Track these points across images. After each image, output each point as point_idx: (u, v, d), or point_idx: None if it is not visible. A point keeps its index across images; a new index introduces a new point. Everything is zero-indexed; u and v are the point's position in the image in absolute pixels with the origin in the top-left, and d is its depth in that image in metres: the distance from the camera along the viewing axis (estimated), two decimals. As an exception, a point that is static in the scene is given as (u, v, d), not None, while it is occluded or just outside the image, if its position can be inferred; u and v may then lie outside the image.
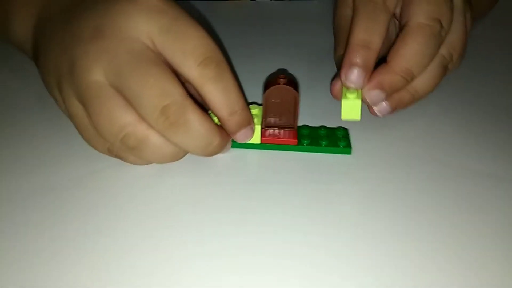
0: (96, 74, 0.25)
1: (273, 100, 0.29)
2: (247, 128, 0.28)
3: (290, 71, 0.39)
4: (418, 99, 0.32)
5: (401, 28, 0.30)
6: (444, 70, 0.31)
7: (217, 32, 0.46)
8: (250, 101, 0.34)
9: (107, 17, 0.26)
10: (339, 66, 0.32)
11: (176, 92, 0.25)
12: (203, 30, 0.26)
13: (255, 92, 0.35)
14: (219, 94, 0.26)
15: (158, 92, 0.24)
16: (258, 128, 0.29)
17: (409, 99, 0.31)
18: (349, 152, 0.30)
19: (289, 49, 0.44)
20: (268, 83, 0.29)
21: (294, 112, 0.30)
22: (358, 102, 0.29)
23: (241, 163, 0.29)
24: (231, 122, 0.27)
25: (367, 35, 0.29)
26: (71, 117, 0.27)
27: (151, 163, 0.28)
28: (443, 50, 0.31)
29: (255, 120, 0.29)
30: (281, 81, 0.29)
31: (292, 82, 0.29)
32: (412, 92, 0.31)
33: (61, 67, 0.27)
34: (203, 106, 0.27)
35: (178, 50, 0.25)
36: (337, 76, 0.31)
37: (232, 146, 0.30)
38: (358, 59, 0.29)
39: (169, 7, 0.26)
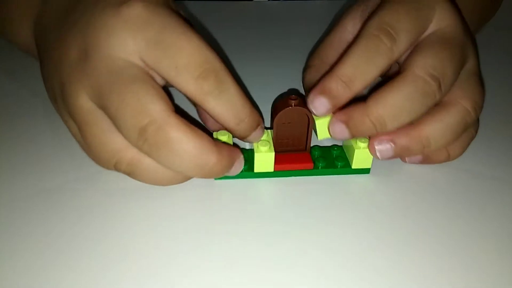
0: (82, 99, 0.24)
1: (284, 123, 0.27)
2: (256, 130, 0.25)
3: (293, 75, 0.37)
4: (430, 153, 0.27)
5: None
6: (464, 122, 0.26)
7: (218, 33, 0.45)
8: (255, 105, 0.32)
9: (90, 36, 0.24)
10: (307, 83, 0.30)
11: (155, 109, 0.22)
12: (196, 37, 0.23)
13: (256, 96, 0.34)
14: (223, 108, 0.23)
15: (135, 111, 0.22)
16: (271, 156, 0.27)
17: (418, 150, 0.26)
18: (368, 172, 0.28)
19: (291, 50, 0.42)
20: (277, 106, 0.27)
21: (307, 133, 0.27)
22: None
23: (252, 193, 0.27)
24: (239, 130, 0.25)
25: (356, 72, 0.25)
26: (73, 136, 0.26)
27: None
28: (462, 101, 0.26)
29: (267, 148, 0.26)
30: (293, 102, 0.26)
31: (304, 102, 0.27)
32: (424, 143, 0.26)
33: (55, 88, 0.26)
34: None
35: (170, 65, 0.23)
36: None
37: (243, 177, 0.27)
38: (332, 92, 0.25)
39: (155, 16, 0.23)
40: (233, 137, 0.26)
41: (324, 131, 0.27)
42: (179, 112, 0.23)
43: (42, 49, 0.29)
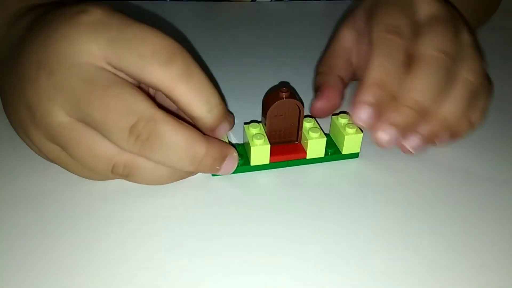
0: (58, 115, 0.23)
1: (276, 116, 0.28)
2: (225, 122, 0.26)
3: (292, 73, 0.37)
4: (449, 127, 0.28)
5: None
6: (470, 94, 0.28)
7: (219, 33, 0.45)
8: (251, 103, 0.33)
9: (48, 48, 0.23)
10: (318, 85, 0.32)
11: (141, 107, 0.22)
12: (157, 30, 0.24)
13: (258, 93, 0.34)
14: (193, 93, 0.24)
15: (122, 112, 0.22)
16: (267, 148, 0.27)
17: (439, 128, 0.27)
18: (357, 156, 0.29)
19: (292, 50, 0.42)
20: (268, 99, 0.27)
21: (298, 124, 0.28)
22: (360, 136, 0.28)
23: (250, 186, 0.27)
24: (210, 118, 0.25)
25: (384, 74, 0.26)
26: (53, 160, 0.26)
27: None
28: (465, 73, 0.27)
29: (262, 141, 0.27)
30: (284, 94, 0.27)
31: (295, 94, 0.28)
32: (440, 118, 0.27)
33: (21, 115, 0.25)
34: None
35: (135, 56, 0.23)
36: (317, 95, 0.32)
37: (240, 171, 0.27)
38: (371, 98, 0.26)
39: (114, 19, 0.23)
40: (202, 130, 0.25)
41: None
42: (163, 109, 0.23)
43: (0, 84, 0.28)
